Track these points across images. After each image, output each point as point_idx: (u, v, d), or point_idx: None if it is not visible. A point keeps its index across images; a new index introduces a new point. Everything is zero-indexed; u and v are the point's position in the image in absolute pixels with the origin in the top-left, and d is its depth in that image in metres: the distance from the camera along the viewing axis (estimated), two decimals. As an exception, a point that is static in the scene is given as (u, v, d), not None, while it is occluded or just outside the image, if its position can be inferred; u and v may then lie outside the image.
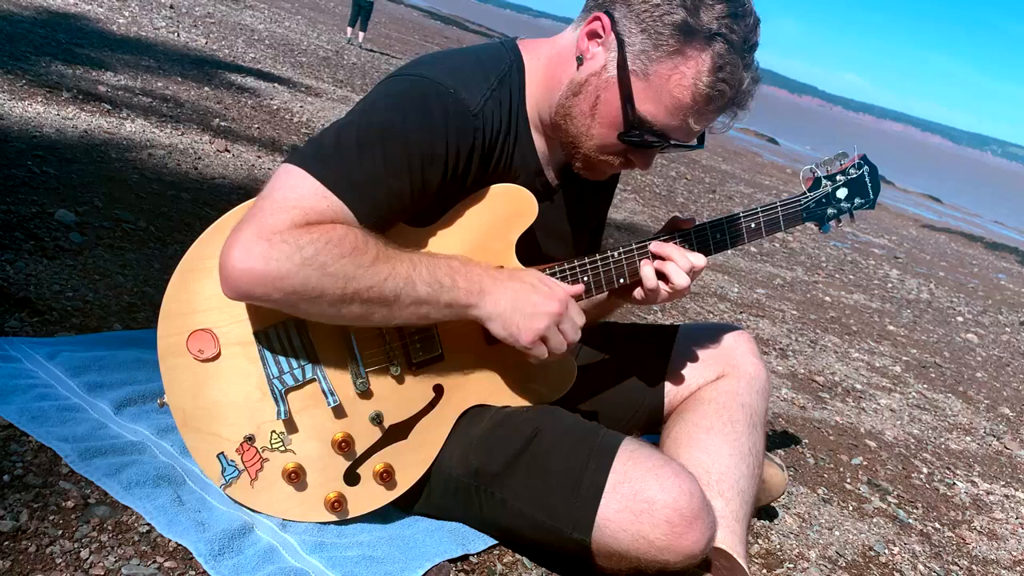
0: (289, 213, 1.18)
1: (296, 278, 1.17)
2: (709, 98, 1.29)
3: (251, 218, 1.18)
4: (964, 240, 13.16)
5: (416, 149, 1.26)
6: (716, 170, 11.32)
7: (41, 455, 1.38)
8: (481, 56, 1.42)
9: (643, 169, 1.43)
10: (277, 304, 1.22)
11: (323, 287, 1.19)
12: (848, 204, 1.63)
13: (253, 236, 1.16)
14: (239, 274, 1.16)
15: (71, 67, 4.42)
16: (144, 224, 2.58)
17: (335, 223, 1.21)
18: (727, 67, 1.27)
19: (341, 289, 1.20)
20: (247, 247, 1.16)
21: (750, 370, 1.71)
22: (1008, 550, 2.32)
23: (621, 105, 1.32)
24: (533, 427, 1.43)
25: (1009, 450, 3.24)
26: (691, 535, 1.31)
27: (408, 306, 1.26)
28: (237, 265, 1.16)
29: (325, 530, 1.40)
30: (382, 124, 1.26)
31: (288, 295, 1.19)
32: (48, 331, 1.78)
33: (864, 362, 3.93)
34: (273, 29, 10.90)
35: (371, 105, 1.30)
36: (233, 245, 1.17)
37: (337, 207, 1.21)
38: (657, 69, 1.29)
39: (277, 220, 1.17)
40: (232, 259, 1.16)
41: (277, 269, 1.16)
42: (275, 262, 1.16)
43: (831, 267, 6.48)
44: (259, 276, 1.16)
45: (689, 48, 1.27)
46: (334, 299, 1.21)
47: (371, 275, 1.21)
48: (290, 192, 1.20)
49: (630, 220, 5.61)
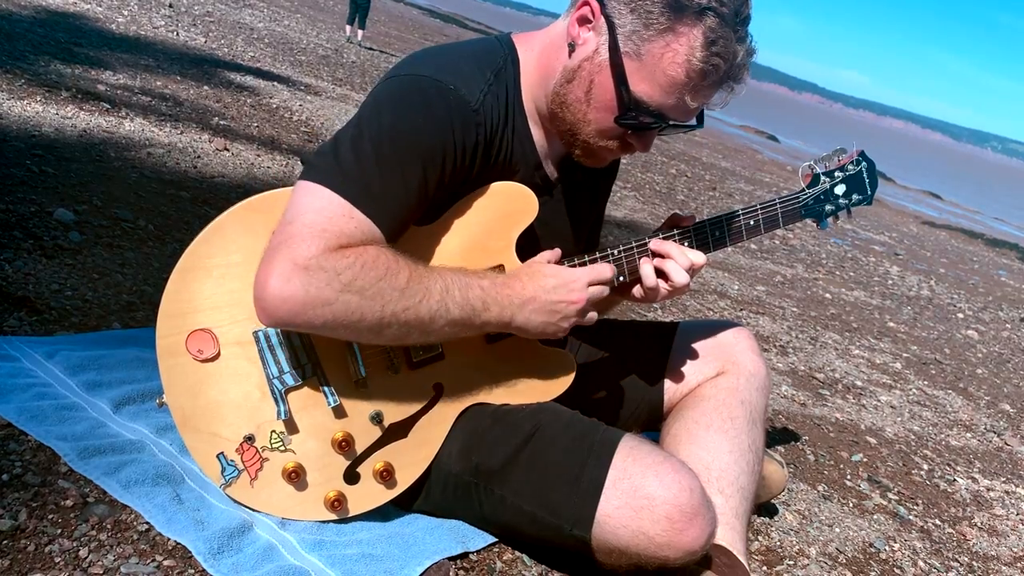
0: (322, 238, 1.18)
1: (337, 304, 1.18)
2: (704, 73, 1.28)
3: (283, 245, 1.18)
4: (964, 237, 13.15)
5: (428, 150, 1.27)
6: (716, 167, 11.32)
7: (40, 454, 1.38)
8: (476, 51, 1.41)
9: (643, 151, 1.42)
10: (317, 330, 1.22)
11: (362, 311, 1.20)
12: (846, 200, 1.63)
13: (290, 264, 1.16)
14: (279, 303, 1.16)
15: (70, 66, 4.41)
16: (143, 223, 2.58)
17: (365, 244, 1.22)
18: (720, 41, 1.26)
19: (380, 312, 1.21)
20: (285, 276, 1.16)
21: (750, 367, 1.71)
22: (1008, 546, 2.32)
23: (615, 87, 1.31)
24: (533, 424, 1.43)
25: (1009, 446, 3.24)
26: (691, 531, 1.31)
27: (443, 327, 1.29)
28: (277, 294, 1.16)
29: (324, 528, 1.40)
30: (392, 130, 1.26)
31: (328, 321, 1.19)
32: (47, 330, 1.78)
33: (864, 359, 3.92)
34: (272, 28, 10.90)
35: (376, 111, 1.30)
36: (270, 274, 1.16)
37: (364, 224, 1.22)
38: (649, 48, 1.28)
39: (311, 246, 1.17)
40: (270, 289, 1.16)
41: (317, 296, 1.17)
42: (315, 289, 1.16)
43: (831, 264, 6.48)
44: (300, 304, 1.16)
45: (680, 24, 1.26)
46: (373, 322, 1.22)
47: (407, 297, 1.23)
48: (318, 216, 1.20)
49: (630, 218, 5.61)
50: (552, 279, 1.36)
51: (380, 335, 1.26)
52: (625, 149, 1.42)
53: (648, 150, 1.41)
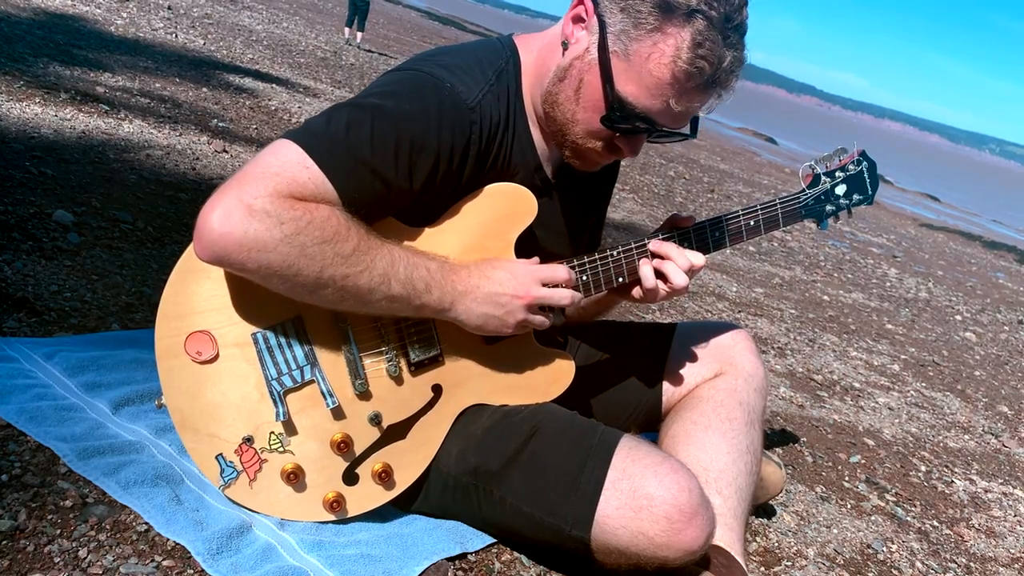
0: (272, 180, 1.17)
1: (274, 253, 1.17)
2: (688, 75, 1.27)
3: (235, 182, 1.18)
4: (962, 239, 13.16)
5: (405, 134, 1.26)
6: (714, 169, 11.33)
7: (39, 455, 1.38)
8: (478, 52, 1.42)
9: (631, 156, 1.41)
10: (250, 275, 1.21)
11: (299, 267, 1.19)
12: (847, 201, 1.63)
13: (235, 201, 1.15)
14: (216, 236, 1.15)
15: (69, 68, 4.41)
16: (142, 224, 2.58)
17: (317, 202, 1.20)
18: (707, 43, 1.25)
19: (317, 273, 1.20)
20: (227, 210, 1.15)
21: (748, 368, 1.71)
22: (1006, 547, 2.32)
23: (602, 87, 1.32)
24: (532, 425, 1.43)
25: (1007, 448, 3.25)
26: (690, 531, 1.31)
27: (380, 301, 1.28)
28: (215, 228, 1.15)
29: (323, 529, 1.40)
30: (373, 106, 1.26)
31: (263, 267, 1.18)
32: (46, 331, 1.78)
33: (862, 361, 3.93)
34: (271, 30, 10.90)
35: (365, 94, 1.31)
36: (214, 207, 1.16)
37: (318, 179, 1.20)
38: (637, 48, 1.28)
39: (259, 186, 1.16)
40: (211, 221, 1.15)
41: (256, 239, 1.15)
42: (254, 232, 1.15)
43: (829, 266, 6.49)
44: (236, 242, 1.15)
45: (668, 25, 1.26)
46: (308, 280, 1.21)
47: (349, 264, 1.22)
48: (273, 159, 1.20)
49: (629, 219, 5.61)
50: (501, 272, 1.36)
51: (314, 295, 1.25)
52: (613, 152, 1.41)
53: (636, 155, 1.41)
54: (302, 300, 1.28)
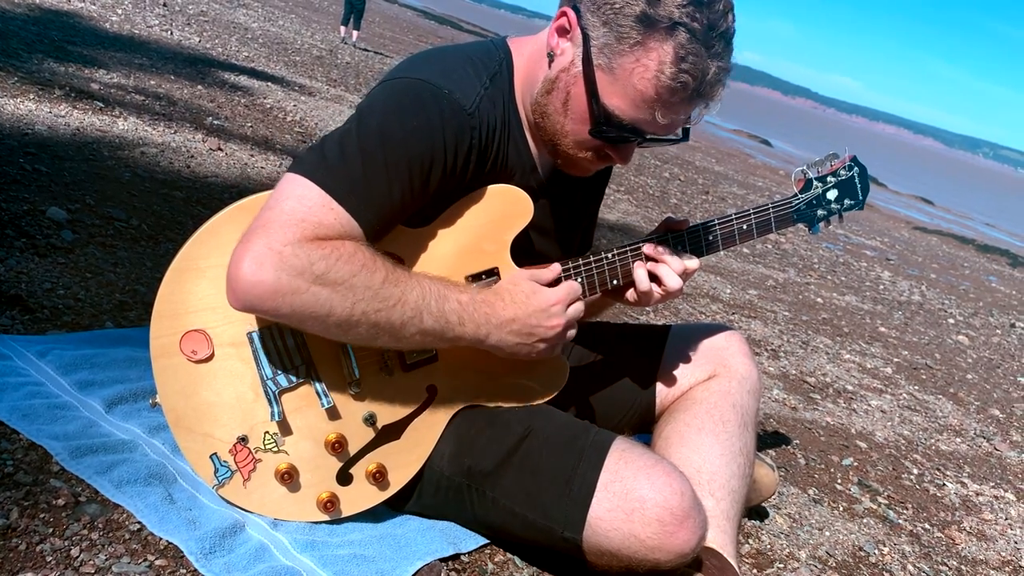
0: (299, 226, 1.18)
1: (307, 294, 1.17)
2: (672, 90, 1.26)
3: (260, 229, 1.18)
4: (956, 242, 13.21)
5: (416, 153, 1.27)
6: (709, 171, 11.35)
7: (32, 453, 1.37)
8: (472, 55, 1.42)
9: (622, 164, 1.42)
10: (284, 319, 1.22)
11: (332, 304, 1.20)
12: (838, 206, 1.64)
13: (264, 249, 1.16)
14: (249, 287, 1.16)
15: (63, 65, 4.40)
16: (136, 222, 2.57)
17: (343, 239, 1.21)
18: (690, 57, 1.24)
19: (350, 308, 1.21)
20: (259, 260, 1.15)
21: (741, 370, 1.72)
22: (997, 551, 2.33)
23: (588, 100, 1.32)
24: (525, 426, 1.43)
25: (999, 451, 3.26)
26: (682, 534, 1.32)
27: (414, 335, 1.28)
28: (248, 277, 1.15)
29: (316, 529, 1.40)
30: (381, 131, 1.26)
31: (297, 310, 1.19)
32: (39, 329, 1.78)
33: (855, 363, 3.94)
34: (267, 28, 10.88)
35: (368, 112, 1.30)
36: (243, 257, 1.16)
37: (343, 218, 1.22)
38: (621, 63, 1.27)
39: (287, 233, 1.17)
40: (242, 271, 1.16)
41: (289, 284, 1.16)
42: (287, 277, 1.16)
43: (823, 268, 6.51)
44: (269, 290, 1.16)
45: (651, 40, 1.25)
46: (342, 318, 1.21)
47: (381, 297, 1.22)
48: (297, 204, 1.20)
49: (623, 221, 5.62)
50: (534, 303, 1.37)
51: (348, 333, 1.25)
52: (603, 160, 1.41)
53: (627, 163, 1.41)
54: (337, 340, 1.29)
